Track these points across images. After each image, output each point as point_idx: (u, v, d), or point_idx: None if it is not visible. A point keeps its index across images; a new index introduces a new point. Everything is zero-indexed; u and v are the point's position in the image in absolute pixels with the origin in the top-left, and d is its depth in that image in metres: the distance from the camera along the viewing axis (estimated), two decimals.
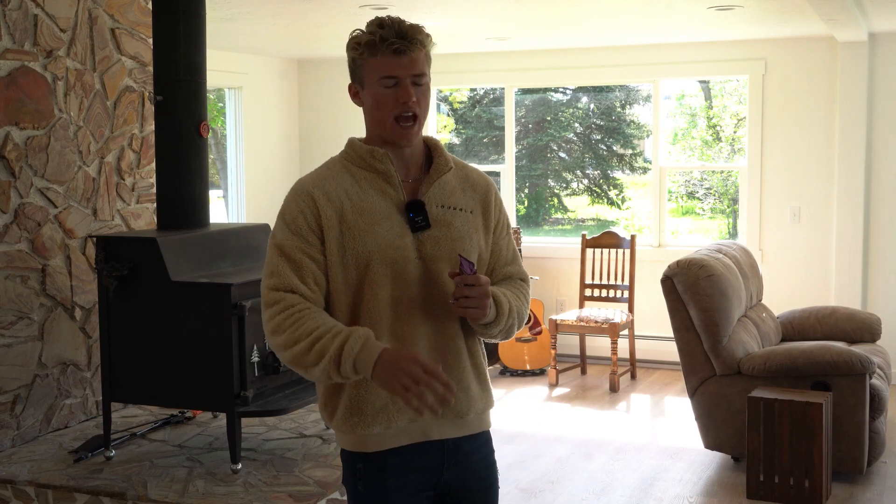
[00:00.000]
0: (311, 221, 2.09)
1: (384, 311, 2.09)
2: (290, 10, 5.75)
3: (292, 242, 2.09)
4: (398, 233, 2.10)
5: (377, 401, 2.10)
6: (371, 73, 2.09)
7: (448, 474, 2.18)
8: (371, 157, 2.14)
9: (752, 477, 4.68)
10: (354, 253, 2.08)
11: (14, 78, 4.13)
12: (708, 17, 6.02)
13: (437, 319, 2.13)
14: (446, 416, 2.15)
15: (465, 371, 2.18)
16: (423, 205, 2.13)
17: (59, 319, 4.35)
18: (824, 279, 7.08)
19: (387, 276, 2.08)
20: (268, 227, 4.31)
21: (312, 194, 2.10)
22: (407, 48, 2.07)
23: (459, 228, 2.16)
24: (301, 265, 2.07)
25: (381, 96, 2.09)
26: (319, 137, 8.57)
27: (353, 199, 2.10)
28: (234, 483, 3.60)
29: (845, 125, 6.88)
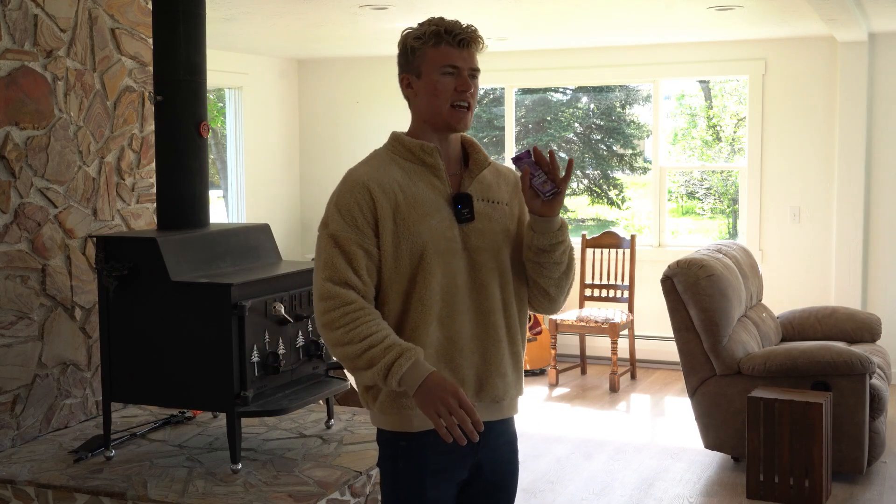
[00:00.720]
0: (367, 213, 2.17)
1: (434, 299, 2.19)
2: (290, 10, 5.75)
3: (347, 234, 2.17)
4: (447, 224, 2.22)
5: None
6: (432, 62, 2.21)
7: (479, 455, 2.29)
8: (421, 151, 2.24)
9: (752, 477, 4.68)
10: (409, 243, 2.18)
11: (14, 78, 4.13)
12: (708, 17, 6.02)
13: (479, 308, 2.24)
14: (483, 401, 2.26)
15: (504, 357, 2.28)
16: (470, 198, 2.24)
17: (59, 319, 4.35)
18: (824, 279, 7.08)
19: (438, 265, 2.19)
20: (268, 226, 4.31)
21: (368, 186, 2.18)
22: (469, 41, 2.22)
23: (500, 221, 2.28)
24: (355, 257, 2.16)
25: (441, 84, 2.20)
26: (319, 137, 8.57)
27: (406, 191, 2.20)
28: (234, 483, 3.60)
29: (845, 125, 6.88)
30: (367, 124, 8.35)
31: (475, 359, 2.24)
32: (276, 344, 3.75)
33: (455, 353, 2.22)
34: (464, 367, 2.23)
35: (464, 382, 2.23)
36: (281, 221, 8.26)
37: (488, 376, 2.26)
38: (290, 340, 3.83)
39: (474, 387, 2.25)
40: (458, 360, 2.23)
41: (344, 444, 4.04)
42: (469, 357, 2.23)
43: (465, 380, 2.23)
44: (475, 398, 2.24)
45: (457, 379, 2.22)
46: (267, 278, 3.79)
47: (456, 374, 2.22)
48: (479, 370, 2.25)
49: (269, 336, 3.71)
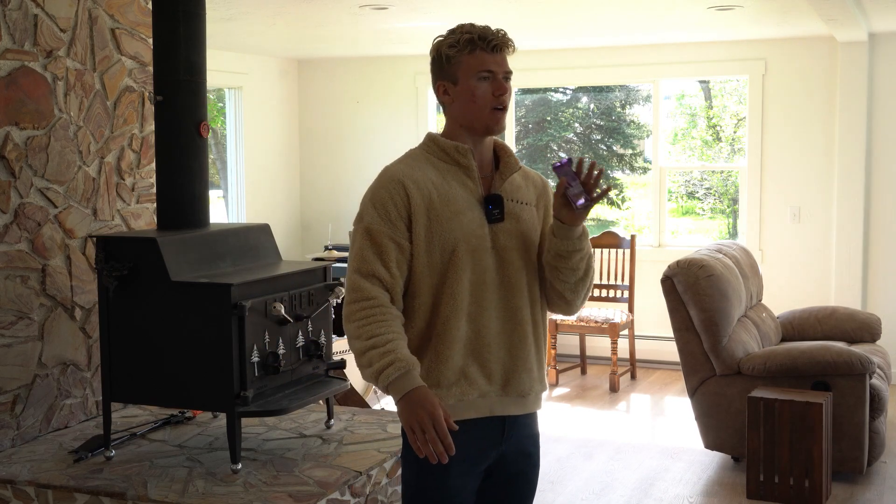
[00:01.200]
0: (401, 208, 2.26)
1: (463, 294, 2.28)
2: (290, 10, 5.75)
3: (380, 227, 2.26)
4: (478, 223, 2.30)
5: (452, 375, 2.29)
6: (468, 68, 2.30)
7: (505, 446, 2.38)
8: (456, 152, 2.32)
9: (752, 477, 4.68)
10: (441, 239, 2.27)
11: (14, 78, 4.13)
12: (708, 17, 6.02)
13: (507, 304, 2.33)
14: (510, 395, 2.35)
15: (530, 353, 2.37)
16: (501, 199, 2.33)
17: (59, 319, 4.35)
18: (824, 279, 7.08)
19: (468, 261, 2.27)
20: (268, 226, 4.30)
21: (403, 182, 2.27)
22: (502, 46, 2.33)
23: (527, 221, 2.37)
24: (386, 250, 2.25)
25: (479, 90, 2.30)
26: (319, 137, 8.57)
27: (440, 189, 2.29)
28: (234, 483, 3.60)
29: (845, 125, 6.88)
30: (367, 124, 8.35)
31: (502, 354, 2.33)
32: (276, 344, 3.75)
33: (483, 348, 2.31)
34: (491, 361, 2.32)
35: (491, 376, 2.32)
36: (281, 221, 8.26)
37: (515, 371, 2.34)
38: (290, 340, 3.83)
39: (501, 381, 2.33)
40: (486, 354, 2.31)
41: (344, 444, 4.04)
42: (496, 352, 2.32)
43: (492, 374, 2.32)
44: (501, 392, 2.33)
45: (484, 373, 2.31)
46: (267, 278, 3.79)
47: (483, 369, 2.31)
48: (505, 365, 2.33)
49: (269, 336, 3.71)
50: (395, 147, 6.25)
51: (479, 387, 2.31)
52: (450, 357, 2.28)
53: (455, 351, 2.28)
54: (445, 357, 2.28)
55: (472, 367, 2.30)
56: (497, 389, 2.33)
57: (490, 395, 2.33)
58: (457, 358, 2.28)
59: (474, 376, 2.30)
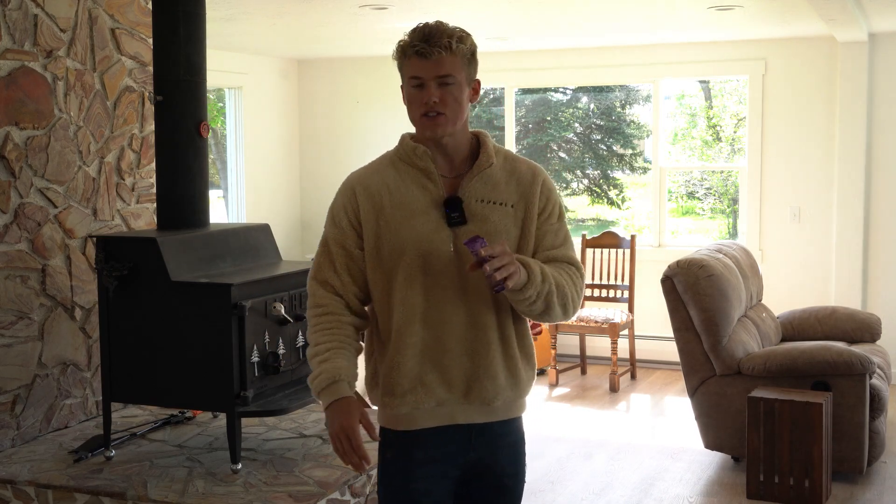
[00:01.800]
0: (351, 215, 2.28)
1: (416, 299, 2.23)
2: (290, 10, 5.75)
3: (333, 234, 2.30)
4: (434, 227, 2.24)
5: (407, 383, 2.25)
6: (403, 74, 2.26)
7: (475, 454, 2.32)
8: (413, 155, 2.28)
9: (752, 477, 4.68)
10: (389, 244, 2.24)
11: (14, 78, 4.13)
12: (708, 17, 6.02)
13: (469, 310, 2.25)
14: (472, 403, 2.28)
15: (494, 360, 2.28)
16: (460, 201, 2.25)
17: (59, 319, 4.35)
18: (824, 279, 7.08)
19: (419, 266, 2.23)
20: (268, 227, 4.31)
21: (354, 189, 2.29)
22: (427, 52, 2.19)
23: (496, 223, 2.27)
24: (336, 257, 2.29)
25: (410, 96, 2.25)
26: (319, 137, 8.57)
27: (394, 194, 2.26)
28: (234, 483, 3.60)
29: (845, 125, 6.88)
30: (367, 124, 8.35)
31: (464, 360, 2.26)
32: (276, 344, 3.75)
33: (443, 355, 2.25)
34: (452, 368, 2.25)
35: (451, 384, 2.26)
36: (281, 221, 8.26)
37: (477, 378, 2.26)
38: (290, 340, 3.83)
39: (462, 388, 2.26)
40: (446, 361, 2.25)
41: None
42: (458, 359, 2.25)
43: (452, 381, 2.26)
44: (463, 399, 2.27)
45: (444, 379, 2.25)
46: (267, 278, 3.80)
47: (443, 375, 2.25)
48: (467, 372, 2.26)
49: (269, 336, 3.72)
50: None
51: (436, 395, 2.25)
52: (403, 364, 2.24)
53: (409, 357, 2.23)
54: (398, 364, 2.24)
55: (430, 374, 2.24)
56: (458, 397, 2.26)
57: (450, 403, 2.26)
58: (411, 365, 2.24)
59: (432, 384, 2.24)
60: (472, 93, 2.28)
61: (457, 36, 2.21)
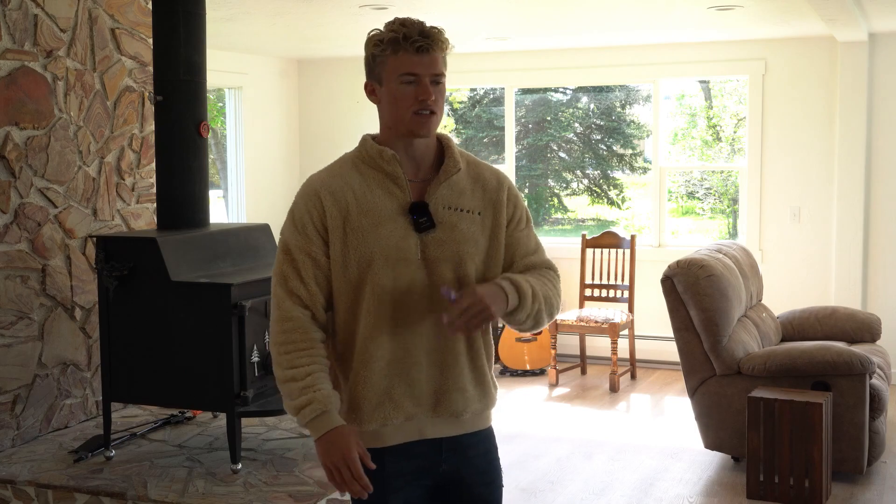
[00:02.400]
0: (317, 221, 2.15)
1: (384, 310, 2.14)
2: (290, 10, 5.75)
3: (297, 242, 2.16)
4: (401, 234, 2.14)
5: (374, 398, 2.16)
6: (392, 70, 2.14)
7: (446, 465, 2.24)
8: (380, 158, 2.17)
9: (752, 477, 4.68)
10: (357, 252, 2.13)
11: (14, 78, 4.13)
12: (708, 17, 6.02)
13: (437, 320, 2.14)
14: (441, 416, 2.21)
15: (463, 373, 2.21)
16: (426, 207, 2.15)
17: (59, 319, 4.35)
18: (824, 279, 7.08)
19: (388, 275, 2.13)
20: (268, 227, 4.31)
21: (319, 193, 2.15)
22: (429, 47, 2.12)
23: (465, 231, 2.18)
24: (303, 265, 2.15)
25: (400, 93, 2.13)
26: (319, 137, 8.57)
27: (360, 199, 2.15)
28: (234, 483, 3.60)
29: (845, 125, 6.88)
30: (367, 124, 8.35)
31: (434, 372, 2.18)
32: None
33: (411, 366, 2.17)
34: (421, 381, 2.17)
35: (420, 397, 2.18)
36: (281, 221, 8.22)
37: (446, 391, 2.19)
38: None
39: (431, 401, 2.19)
40: (415, 373, 2.17)
41: None
42: (427, 371, 2.18)
43: (421, 394, 2.18)
44: (432, 413, 2.20)
45: (412, 393, 2.17)
46: (267, 278, 3.79)
47: (412, 389, 2.17)
48: (437, 384, 2.19)
49: (269, 336, 3.71)
50: None
51: (404, 409, 2.17)
52: (369, 378, 2.15)
53: (375, 371, 2.14)
54: (365, 378, 2.15)
55: (398, 388, 2.16)
56: (426, 410, 2.18)
57: (418, 417, 2.19)
58: (377, 379, 2.15)
59: (400, 398, 2.16)
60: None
61: (445, 34, 2.17)
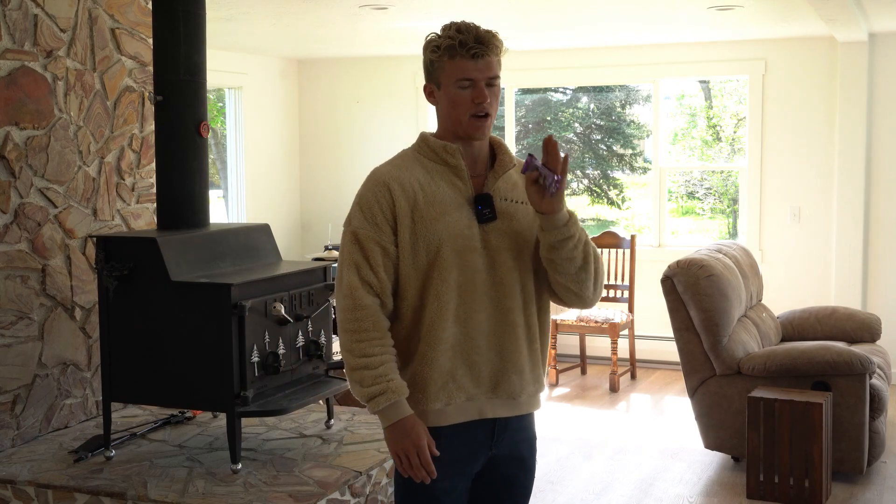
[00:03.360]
0: (386, 211, 2.26)
1: (450, 295, 2.26)
2: (290, 10, 5.75)
3: (366, 231, 2.26)
4: (466, 223, 2.27)
5: (439, 378, 2.27)
6: (449, 75, 2.25)
7: (496, 450, 2.36)
8: (444, 152, 2.30)
9: (752, 477, 4.68)
10: (425, 240, 2.25)
11: (14, 78, 4.13)
12: (708, 17, 6.02)
13: (498, 305, 2.29)
14: (500, 397, 2.32)
15: (521, 355, 2.33)
16: (490, 198, 2.29)
17: (59, 319, 4.35)
18: (824, 279, 7.08)
19: (454, 262, 2.25)
20: (268, 227, 4.31)
21: (388, 184, 2.27)
22: (484, 52, 2.23)
23: (521, 221, 2.33)
24: (373, 254, 2.26)
25: (457, 97, 2.25)
26: (319, 137, 8.57)
27: (426, 190, 2.27)
28: (234, 483, 3.60)
29: (845, 125, 6.88)
30: (367, 124, 8.35)
31: (492, 355, 2.30)
32: (276, 344, 3.75)
33: (472, 350, 2.28)
34: (480, 363, 2.29)
35: (479, 378, 2.29)
36: (281, 221, 8.26)
37: (504, 373, 2.31)
38: (290, 340, 3.83)
39: (490, 383, 2.31)
40: (475, 356, 2.28)
41: (344, 444, 4.04)
42: (486, 354, 2.29)
43: (480, 376, 2.29)
44: (491, 394, 2.31)
45: (472, 375, 2.29)
46: (267, 278, 3.80)
47: (472, 370, 2.29)
48: (495, 366, 2.30)
49: (269, 336, 3.71)
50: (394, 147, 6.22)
51: (466, 390, 2.29)
52: (436, 360, 2.26)
53: (441, 353, 2.26)
54: (431, 360, 2.26)
55: (460, 369, 2.28)
56: (486, 391, 2.31)
57: (478, 398, 2.31)
58: (443, 360, 2.26)
59: (462, 379, 2.28)
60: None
61: (499, 38, 2.28)
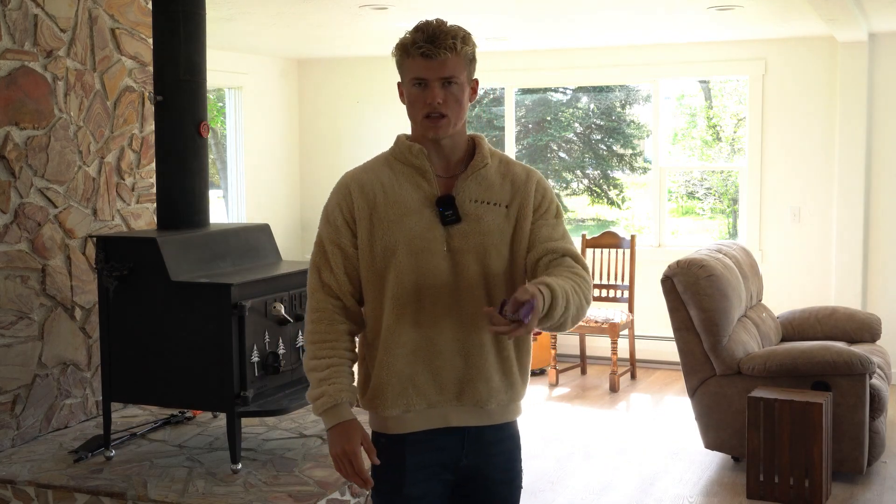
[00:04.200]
0: (346, 213, 2.25)
1: (408, 300, 2.21)
2: (290, 10, 5.75)
3: (328, 234, 2.28)
4: (427, 225, 2.22)
5: (397, 384, 2.22)
6: (405, 73, 2.23)
7: (468, 460, 2.29)
8: (409, 153, 2.26)
9: (752, 477, 4.68)
10: (382, 242, 2.22)
11: (14, 78, 4.13)
12: (708, 17, 6.02)
13: (462, 310, 2.22)
14: (465, 405, 2.25)
15: (487, 363, 2.25)
16: (453, 200, 2.23)
17: (59, 319, 4.35)
18: (824, 279, 7.08)
19: (411, 265, 2.20)
20: (268, 227, 4.31)
21: (349, 186, 2.27)
22: (433, 53, 2.16)
23: (490, 223, 2.24)
24: (333, 256, 2.26)
25: (412, 96, 2.22)
26: (319, 137, 8.57)
27: (388, 192, 2.24)
28: (234, 483, 3.60)
29: (845, 125, 6.88)
30: (367, 124, 8.35)
31: (457, 362, 2.23)
32: (276, 344, 3.75)
33: (434, 355, 2.22)
34: (444, 369, 2.22)
35: (443, 385, 2.23)
36: (281, 221, 8.26)
37: (470, 380, 2.23)
38: (290, 340, 3.83)
39: (455, 390, 2.24)
40: (438, 362, 2.22)
41: None
42: (450, 360, 2.22)
43: (444, 382, 2.23)
44: (456, 401, 2.24)
45: (435, 381, 2.22)
46: (267, 278, 3.80)
47: (435, 377, 2.22)
48: (460, 373, 2.23)
49: (269, 336, 3.72)
50: None
51: (427, 396, 2.23)
52: (393, 365, 2.21)
53: (399, 358, 2.21)
54: (389, 365, 2.22)
55: (421, 375, 2.22)
56: (451, 398, 2.24)
57: (442, 405, 2.24)
58: (401, 366, 2.21)
59: (423, 385, 2.22)
60: (472, 92, 2.27)
61: (461, 36, 2.20)
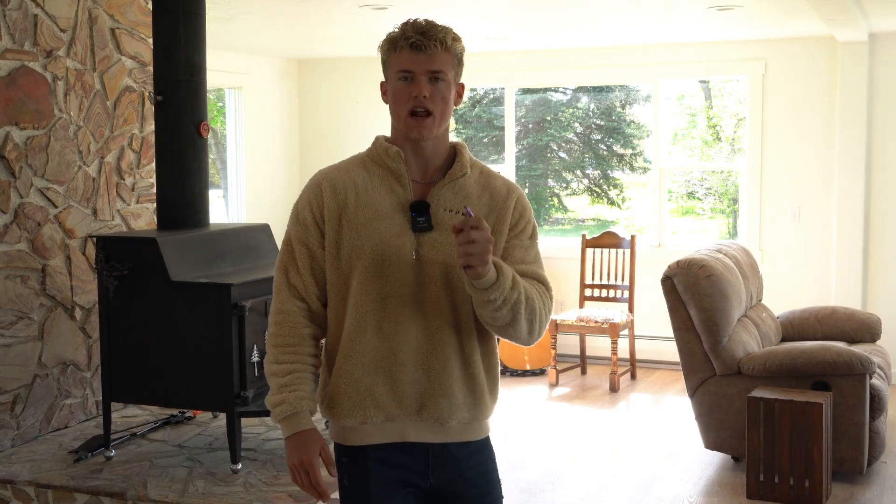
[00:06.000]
0: (315, 212, 2.16)
1: (371, 307, 2.11)
2: (290, 10, 5.75)
3: (296, 232, 2.18)
4: (396, 231, 2.12)
5: (355, 394, 2.13)
6: (392, 67, 2.15)
7: (434, 478, 2.18)
8: (385, 155, 2.18)
9: (752, 477, 4.68)
10: (349, 245, 2.12)
11: (14, 78, 4.13)
12: (708, 17, 6.02)
13: (427, 321, 2.12)
14: (425, 421, 2.15)
15: (451, 378, 2.14)
16: (427, 206, 2.13)
17: (59, 319, 4.35)
18: (824, 279, 7.08)
19: (376, 271, 2.11)
20: (268, 227, 4.32)
21: (321, 185, 2.18)
22: (424, 44, 2.11)
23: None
24: (300, 255, 2.17)
25: (397, 90, 2.13)
26: (319, 137, 8.58)
27: (360, 193, 2.15)
28: (234, 483, 3.60)
29: (845, 125, 6.88)
30: (367, 124, 8.35)
31: (419, 375, 2.12)
32: None
33: (396, 367, 2.12)
34: (405, 382, 2.12)
35: (403, 398, 2.13)
36: (281, 221, 8.22)
37: (432, 395, 2.13)
38: None
39: (416, 404, 2.13)
40: (399, 374, 2.12)
41: None
42: (412, 372, 2.12)
43: (404, 396, 2.13)
44: (415, 416, 2.14)
45: (395, 394, 2.13)
46: (267, 278, 3.80)
47: (395, 389, 2.12)
48: (422, 387, 2.13)
49: None
50: None
51: (386, 409, 2.12)
52: (351, 373, 2.12)
53: (357, 367, 2.11)
54: (347, 373, 2.12)
55: (381, 386, 2.11)
56: (410, 413, 2.13)
57: (401, 419, 2.13)
58: (359, 375, 2.11)
59: (382, 397, 2.11)
60: (457, 96, 2.19)
61: (451, 34, 2.15)
